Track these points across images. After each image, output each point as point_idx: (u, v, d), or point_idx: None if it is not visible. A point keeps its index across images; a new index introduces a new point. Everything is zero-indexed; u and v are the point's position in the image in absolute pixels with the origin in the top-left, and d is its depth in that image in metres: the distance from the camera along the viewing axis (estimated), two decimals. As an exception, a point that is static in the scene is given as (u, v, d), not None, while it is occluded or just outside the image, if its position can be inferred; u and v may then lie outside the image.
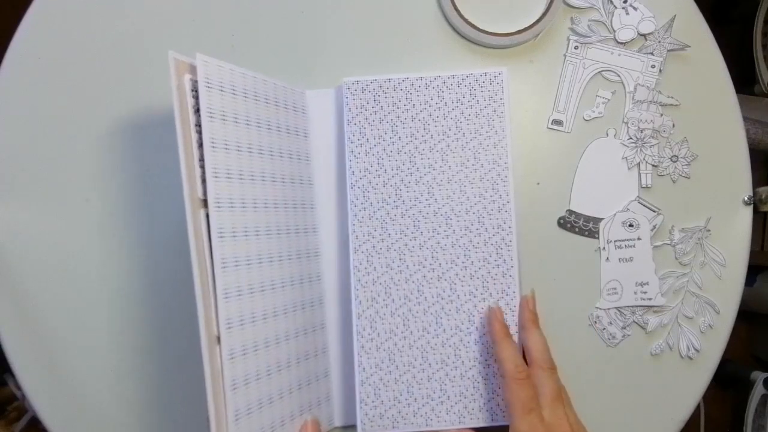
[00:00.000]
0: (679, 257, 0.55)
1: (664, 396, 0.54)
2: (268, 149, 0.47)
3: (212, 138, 0.42)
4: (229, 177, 0.43)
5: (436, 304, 0.50)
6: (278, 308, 0.46)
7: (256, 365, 0.43)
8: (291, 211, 0.49)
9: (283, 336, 0.46)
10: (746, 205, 0.55)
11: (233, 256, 0.42)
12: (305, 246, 0.50)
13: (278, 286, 0.46)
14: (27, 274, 0.52)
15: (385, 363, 0.49)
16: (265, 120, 0.47)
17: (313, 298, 0.50)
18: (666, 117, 0.55)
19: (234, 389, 0.41)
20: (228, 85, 0.44)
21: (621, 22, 0.55)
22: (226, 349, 0.41)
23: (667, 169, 0.55)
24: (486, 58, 0.55)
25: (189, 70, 0.42)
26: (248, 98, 0.45)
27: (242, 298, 0.43)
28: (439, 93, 0.51)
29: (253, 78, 0.46)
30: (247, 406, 0.42)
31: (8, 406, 1.00)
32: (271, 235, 0.46)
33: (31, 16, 0.54)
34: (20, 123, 0.53)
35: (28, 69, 0.53)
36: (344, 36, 0.55)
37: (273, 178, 0.47)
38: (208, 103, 0.42)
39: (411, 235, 0.50)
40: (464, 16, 0.54)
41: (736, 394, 1.30)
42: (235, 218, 0.43)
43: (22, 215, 0.52)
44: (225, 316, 0.41)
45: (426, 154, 0.51)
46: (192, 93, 0.42)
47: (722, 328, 0.55)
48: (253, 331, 0.43)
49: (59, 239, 0.52)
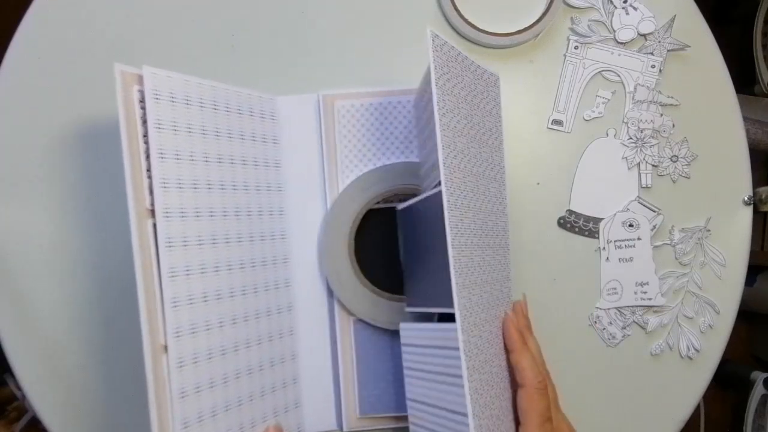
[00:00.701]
0: (679, 257, 0.55)
1: (664, 396, 0.54)
2: (228, 157, 0.47)
3: (161, 148, 0.42)
4: (180, 186, 0.43)
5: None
6: (238, 316, 0.46)
7: (210, 373, 0.43)
8: (256, 218, 0.48)
9: (243, 343, 0.46)
10: (746, 205, 0.55)
11: (185, 265, 0.42)
12: (272, 253, 0.50)
13: (238, 294, 0.46)
14: (27, 274, 0.52)
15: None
16: (225, 128, 0.47)
17: (280, 304, 0.50)
18: (666, 117, 0.55)
19: (183, 397, 0.41)
20: (181, 95, 0.44)
21: (621, 22, 0.55)
22: (174, 358, 0.41)
23: (667, 169, 0.55)
24: (486, 58, 0.55)
25: (138, 81, 0.42)
26: (205, 107, 0.45)
27: (195, 306, 0.43)
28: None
29: (211, 87, 0.46)
30: (198, 414, 0.42)
31: (8, 406, 1.00)
32: (230, 242, 0.46)
33: (31, 16, 0.54)
34: (20, 123, 0.53)
35: (28, 69, 0.53)
36: (345, 36, 0.55)
37: (234, 186, 0.47)
38: (156, 114, 0.42)
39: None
40: (464, 16, 0.54)
41: (736, 394, 1.30)
42: (187, 227, 0.43)
43: (23, 215, 0.52)
44: (174, 325, 0.41)
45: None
46: (140, 104, 0.42)
47: (722, 328, 0.55)
48: (207, 338, 0.43)
49: (59, 239, 0.52)
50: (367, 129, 0.52)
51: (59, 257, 0.52)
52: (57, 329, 0.52)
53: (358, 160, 0.52)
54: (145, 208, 0.41)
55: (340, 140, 0.52)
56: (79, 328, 0.52)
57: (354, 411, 0.51)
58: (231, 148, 0.47)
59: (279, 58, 0.54)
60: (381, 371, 0.51)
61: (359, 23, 0.55)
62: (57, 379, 0.52)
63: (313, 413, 0.51)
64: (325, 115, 0.52)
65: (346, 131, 0.52)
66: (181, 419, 0.41)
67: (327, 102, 0.52)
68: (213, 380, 0.43)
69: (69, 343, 0.52)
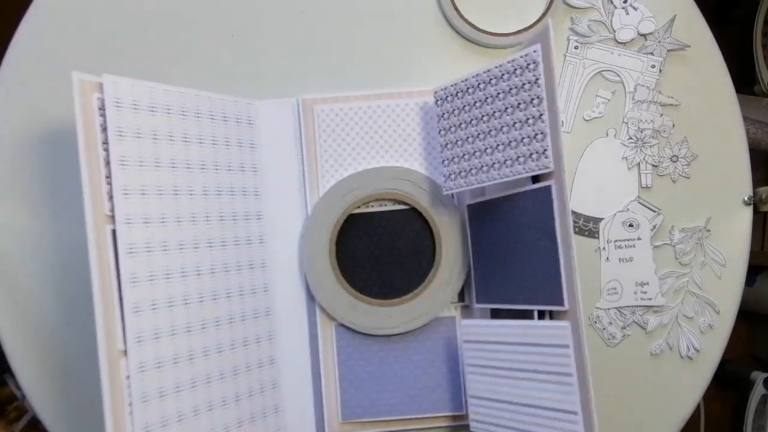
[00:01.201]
0: (679, 257, 0.55)
1: (664, 396, 0.54)
2: (198, 163, 0.47)
3: (122, 156, 0.42)
4: (144, 193, 0.43)
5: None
6: (208, 321, 0.46)
7: (176, 378, 0.43)
8: (230, 223, 0.49)
9: (214, 348, 0.46)
10: (746, 205, 0.55)
11: (148, 271, 0.43)
12: (248, 257, 0.50)
13: (208, 299, 0.46)
14: (27, 274, 0.52)
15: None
16: (194, 134, 0.47)
17: (257, 308, 0.50)
18: (666, 117, 0.55)
19: (144, 401, 0.41)
20: (145, 102, 0.44)
21: (621, 22, 0.55)
22: (134, 363, 0.41)
23: (667, 169, 0.55)
24: (486, 58, 0.55)
25: (98, 89, 0.42)
26: (172, 114, 0.46)
27: (158, 311, 0.43)
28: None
29: (179, 93, 0.46)
30: (161, 418, 0.42)
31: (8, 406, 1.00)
32: (199, 247, 0.46)
33: (31, 16, 0.54)
34: (19, 122, 0.53)
35: (27, 69, 0.53)
36: (345, 36, 0.55)
37: (205, 191, 0.47)
38: (117, 121, 0.42)
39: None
40: (464, 16, 0.54)
41: (736, 394, 1.30)
42: (150, 233, 0.43)
43: (23, 215, 0.52)
44: (135, 330, 0.42)
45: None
46: (100, 111, 0.42)
47: (722, 328, 0.55)
48: (173, 343, 0.43)
49: (60, 239, 0.52)
50: (347, 133, 0.52)
51: (59, 257, 0.52)
52: (57, 329, 0.52)
53: (339, 164, 0.52)
54: (104, 215, 0.41)
55: (320, 144, 0.52)
56: (79, 328, 0.52)
57: (336, 416, 0.51)
58: (202, 154, 0.47)
59: (277, 59, 0.54)
60: (363, 376, 0.51)
61: (359, 24, 0.55)
62: (57, 380, 0.52)
63: (293, 419, 0.51)
64: (305, 119, 0.52)
65: (326, 135, 0.52)
66: (143, 423, 0.41)
67: (307, 106, 0.52)
68: (179, 385, 0.44)
69: (69, 343, 0.52)
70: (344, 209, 0.51)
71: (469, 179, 0.47)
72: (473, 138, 0.46)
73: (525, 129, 0.43)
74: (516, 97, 0.43)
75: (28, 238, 0.52)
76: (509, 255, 0.45)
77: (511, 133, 0.44)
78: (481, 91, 0.46)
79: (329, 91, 0.54)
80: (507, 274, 0.46)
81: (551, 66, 0.41)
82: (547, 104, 0.41)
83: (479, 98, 0.46)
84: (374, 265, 0.51)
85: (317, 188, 0.52)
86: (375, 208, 0.52)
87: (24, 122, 0.53)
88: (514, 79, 0.43)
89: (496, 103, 0.45)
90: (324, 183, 0.52)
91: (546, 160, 0.41)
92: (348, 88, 0.54)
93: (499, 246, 0.46)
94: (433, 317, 0.50)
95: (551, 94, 0.41)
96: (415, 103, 0.52)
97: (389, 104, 0.52)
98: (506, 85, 0.44)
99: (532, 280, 0.43)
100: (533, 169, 0.42)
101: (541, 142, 0.42)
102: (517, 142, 0.44)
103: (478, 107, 0.46)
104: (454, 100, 0.48)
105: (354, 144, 0.52)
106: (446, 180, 0.49)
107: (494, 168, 0.45)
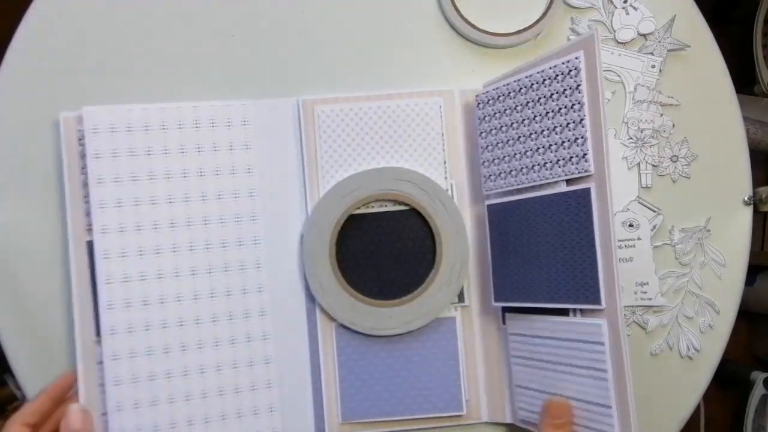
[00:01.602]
0: (679, 257, 0.55)
1: (664, 396, 0.54)
2: (179, 171, 0.50)
3: (99, 175, 0.49)
4: (119, 204, 0.49)
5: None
6: (186, 319, 0.49)
7: (150, 368, 0.48)
8: (216, 225, 0.50)
9: (194, 344, 0.49)
10: (746, 205, 0.55)
11: (122, 273, 0.48)
12: (238, 258, 0.51)
13: (187, 299, 0.49)
14: (27, 274, 0.52)
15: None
16: (175, 145, 0.50)
17: (248, 308, 0.51)
18: (666, 117, 0.55)
19: (117, 384, 0.48)
20: (122, 124, 0.49)
21: (621, 22, 0.55)
22: (108, 351, 0.48)
23: (667, 169, 0.55)
24: (486, 58, 0.55)
25: (79, 122, 0.49)
26: (151, 129, 0.49)
27: (132, 309, 0.48)
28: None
29: (159, 109, 0.50)
30: (134, 401, 0.48)
31: (8, 406, 1.00)
32: (178, 251, 0.49)
33: (31, 15, 0.54)
34: (19, 122, 0.53)
35: (27, 69, 0.53)
36: (345, 36, 0.55)
37: (186, 197, 0.50)
38: (95, 145, 0.49)
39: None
40: (464, 16, 0.54)
41: (736, 394, 1.30)
42: (125, 240, 0.49)
43: (23, 214, 0.52)
44: (109, 324, 0.48)
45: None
46: (80, 141, 0.50)
47: (722, 328, 0.55)
48: (146, 337, 0.48)
49: (60, 239, 0.52)
50: (347, 134, 0.52)
51: (59, 256, 0.52)
52: (57, 329, 0.52)
53: (339, 165, 0.52)
54: (84, 229, 0.49)
55: (320, 145, 0.52)
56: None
57: (336, 417, 0.51)
58: (184, 162, 0.50)
59: (277, 59, 0.54)
60: (363, 377, 0.51)
61: (359, 24, 0.55)
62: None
63: (293, 419, 0.51)
64: (305, 119, 0.52)
65: (326, 136, 0.52)
66: (114, 401, 0.48)
67: (307, 106, 0.52)
68: (153, 374, 0.48)
69: (69, 344, 0.52)
70: (344, 210, 0.51)
71: (508, 180, 0.48)
72: (513, 141, 0.48)
73: (565, 133, 0.44)
74: (557, 102, 0.45)
75: (28, 238, 0.52)
76: (538, 254, 0.46)
77: (551, 137, 0.45)
78: (523, 95, 0.47)
79: (329, 91, 0.54)
80: (534, 273, 0.46)
81: (596, 74, 0.42)
82: (589, 109, 0.43)
83: (520, 102, 0.47)
84: (374, 266, 0.51)
85: (317, 189, 0.52)
86: (375, 209, 0.52)
87: (24, 122, 0.53)
88: (555, 84, 0.45)
89: (537, 107, 0.46)
90: (324, 183, 0.52)
91: (586, 164, 0.43)
92: (348, 89, 0.54)
93: (526, 246, 0.47)
94: (433, 318, 0.50)
95: (595, 99, 0.42)
96: (415, 104, 0.52)
97: (389, 105, 0.52)
98: (547, 90, 0.45)
99: (564, 279, 0.44)
100: (573, 173, 0.44)
101: (581, 147, 0.43)
102: (557, 145, 0.45)
103: (519, 111, 0.47)
104: (495, 104, 0.49)
105: (354, 144, 0.52)
106: (486, 181, 0.50)
107: (534, 170, 0.47)
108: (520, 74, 0.47)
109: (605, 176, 0.42)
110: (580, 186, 0.43)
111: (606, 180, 0.42)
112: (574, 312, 0.45)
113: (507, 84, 0.48)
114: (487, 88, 0.50)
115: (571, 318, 0.45)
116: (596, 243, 0.42)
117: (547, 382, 0.46)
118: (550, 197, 0.45)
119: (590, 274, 0.42)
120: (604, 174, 0.42)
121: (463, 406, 0.51)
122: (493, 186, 0.50)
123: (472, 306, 0.52)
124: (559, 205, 0.44)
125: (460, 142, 0.53)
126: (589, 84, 0.43)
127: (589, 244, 0.42)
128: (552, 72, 0.45)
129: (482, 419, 0.52)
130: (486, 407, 0.52)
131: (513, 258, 0.48)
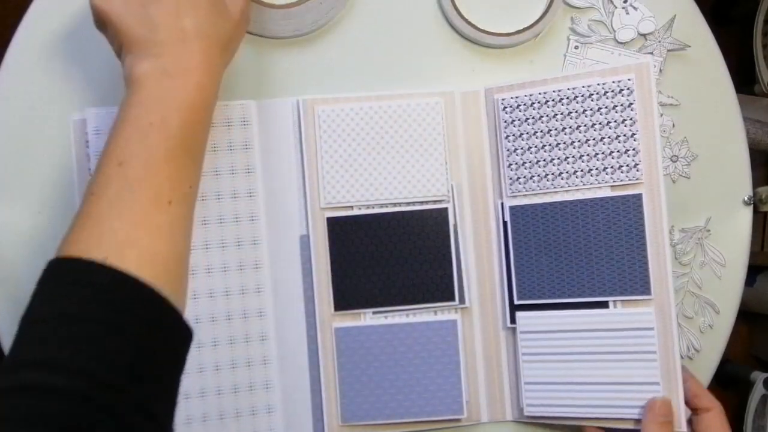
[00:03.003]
0: (679, 257, 0.55)
1: (664, 396, 0.54)
2: None
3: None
4: None
5: None
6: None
7: None
8: (215, 225, 0.50)
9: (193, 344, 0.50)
10: (746, 205, 0.55)
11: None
12: (237, 258, 0.51)
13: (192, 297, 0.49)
14: (27, 274, 0.52)
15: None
16: None
17: (246, 309, 0.51)
18: (666, 117, 0.55)
19: None
20: None
21: (621, 22, 0.55)
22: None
23: (667, 169, 0.55)
24: (486, 58, 0.55)
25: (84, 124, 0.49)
26: None
27: None
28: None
29: None
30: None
31: (8, 407, 0.99)
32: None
33: (31, 15, 0.54)
34: (19, 123, 0.53)
35: (26, 68, 0.53)
36: (345, 37, 0.55)
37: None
38: (97, 146, 0.48)
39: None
40: (464, 16, 0.54)
41: (736, 394, 1.30)
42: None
43: (23, 214, 0.52)
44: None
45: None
46: (86, 143, 0.50)
47: (722, 328, 0.55)
48: None
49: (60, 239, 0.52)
50: (348, 134, 0.52)
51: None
52: (57, 329, 0.52)
53: (339, 165, 0.52)
54: None
55: (321, 145, 0.52)
56: (79, 328, 0.52)
57: (336, 419, 0.51)
58: None
59: (277, 60, 0.54)
60: (363, 379, 0.51)
61: (359, 24, 0.55)
62: (57, 380, 0.51)
63: (291, 420, 0.51)
64: (305, 119, 0.52)
65: (327, 136, 0.52)
66: None
67: (307, 106, 0.52)
68: None
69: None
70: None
71: (542, 184, 0.51)
72: (551, 147, 0.51)
73: (615, 144, 0.49)
74: (606, 116, 0.49)
75: (28, 238, 0.52)
76: (578, 252, 0.50)
77: (598, 146, 0.50)
78: (564, 105, 0.50)
79: (329, 91, 0.53)
80: (572, 269, 0.50)
81: (650, 95, 0.49)
82: (642, 126, 0.49)
83: (560, 111, 0.50)
84: (375, 267, 0.51)
85: (317, 189, 0.52)
86: (376, 210, 0.52)
87: (24, 122, 0.53)
88: (605, 99, 0.49)
89: (582, 118, 0.50)
90: (324, 183, 0.52)
91: (637, 173, 0.49)
92: (348, 89, 0.54)
93: (563, 245, 0.50)
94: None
95: (649, 116, 0.49)
96: (416, 104, 0.52)
97: (390, 105, 0.52)
98: (595, 104, 0.50)
99: (610, 275, 0.49)
100: (623, 180, 0.49)
101: (633, 157, 0.49)
102: (605, 154, 0.50)
103: (559, 120, 0.50)
104: (527, 109, 0.51)
105: (355, 145, 0.52)
106: (513, 183, 0.51)
107: (576, 176, 0.50)
108: (558, 84, 0.50)
109: (658, 183, 0.49)
110: (629, 192, 0.49)
111: (658, 187, 0.49)
112: (614, 304, 0.49)
113: (543, 93, 0.50)
114: (516, 93, 0.51)
115: (612, 309, 0.49)
116: (647, 241, 0.48)
117: (570, 373, 0.50)
118: (595, 201, 0.50)
119: (639, 269, 0.48)
120: (657, 182, 0.49)
121: (463, 408, 0.51)
122: (522, 189, 0.51)
123: (473, 307, 0.52)
124: (606, 208, 0.49)
125: (461, 142, 0.53)
126: (644, 104, 0.49)
127: (639, 243, 0.48)
128: (600, 88, 0.49)
129: (482, 420, 0.52)
130: (486, 408, 0.52)
131: (544, 256, 0.50)
